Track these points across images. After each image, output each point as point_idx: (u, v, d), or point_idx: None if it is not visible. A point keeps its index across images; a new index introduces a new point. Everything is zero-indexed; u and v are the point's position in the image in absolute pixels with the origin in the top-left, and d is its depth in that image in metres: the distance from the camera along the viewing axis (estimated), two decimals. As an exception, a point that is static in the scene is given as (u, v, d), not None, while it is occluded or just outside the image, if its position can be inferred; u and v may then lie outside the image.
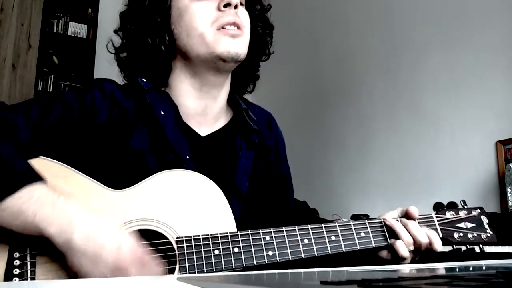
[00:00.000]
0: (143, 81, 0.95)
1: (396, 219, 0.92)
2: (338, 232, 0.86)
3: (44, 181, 0.74)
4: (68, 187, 0.78)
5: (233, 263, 0.78)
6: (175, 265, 0.77)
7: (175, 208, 0.81)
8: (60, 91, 3.60)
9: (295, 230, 0.84)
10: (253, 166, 0.98)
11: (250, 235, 0.81)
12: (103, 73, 0.98)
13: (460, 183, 2.51)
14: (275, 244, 0.82)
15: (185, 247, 0.78)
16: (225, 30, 0.90)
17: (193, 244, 0.78)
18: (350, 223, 0.88)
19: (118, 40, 1.01)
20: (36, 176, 0.74)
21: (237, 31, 0.91)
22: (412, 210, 0.92)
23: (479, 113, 2.48)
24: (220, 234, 0.80)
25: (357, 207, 3.01)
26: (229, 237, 0.80)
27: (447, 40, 2.68)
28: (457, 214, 0.96)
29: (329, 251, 0.84)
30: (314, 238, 0.84)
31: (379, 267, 0.77)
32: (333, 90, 3.47)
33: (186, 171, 0.85)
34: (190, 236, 0.78)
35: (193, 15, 0.91)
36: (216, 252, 0.78)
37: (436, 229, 0.93)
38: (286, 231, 0.83)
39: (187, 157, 0.91)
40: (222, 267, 0.78)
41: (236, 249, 0.79)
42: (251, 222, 0.91)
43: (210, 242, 0.79)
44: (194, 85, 0.96)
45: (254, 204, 0.96)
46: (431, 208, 0.99)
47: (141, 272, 0.72)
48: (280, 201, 1.06)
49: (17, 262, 0.72)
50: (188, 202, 0.82)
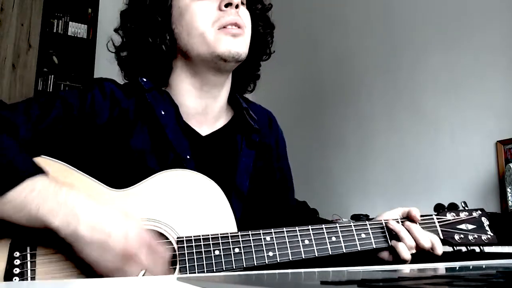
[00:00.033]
0: (144, 80, 0.95)
1: (397, 221, 0.91)
2: (339, 233, 0.86)
3: (46, 173, 0.74)
4: (67, 186, 0.78)
5: (234, 264, 0.78)
6: (176, 265, 0.77)
7: (176, 208, 0.81)
8: (60, 90, 3.60)
9: (295, 230, 0.84)
10: (253, 166, 0.98)
11: (250, 235, 0.81)
12: (103, 73, 0.98)
13: (460, 183, 2.51)
14: (275, 244, 0.81)
15: (185, 247, 0.77)
16: (226, 29, 0.90)
17: (193, 244, 0.78)
18: (351, 224, 0.88)
19: (118, 39, 1.00)
20: (38, 169, 0.74)
21: (238, 30, 0.91)
22: (414, 212, 0.91)
23: (479, 113, 2.49)
24: (220, 234, 0.79)
25: (357, 207, 3.01)
26: (229, 238, 0.79)
27: (447, 40, 2.68)
28: (458, 216, 0.95)
29: (330, 252, 0.84)
30: (314, 239, 0.84)
31: (379, 267, 0.77)
32: (332, 90, 3.47)
33: (187, 170, 0.85)
34: (191, 236, 0.78)
35: (194, 14, 0.91)
36: (217, 252, 0.78)
37: (436, 230, 0.93)
38: (286, 231, 0.83)
39: (188, 156, 0.91)
40: (222, 267, 0.77)
41: (237, 250, 0.79)
42: (252, 222, 0.91)
43: (211, 243, 0.78)
44: (194, 85, 0.95)
45: (255, 204, 0.96)
46: (431, 208, 0.98)
47: (149, 258, 0.72)
48: (280, 201, 1.06)
49: (17, 261, 0.72)
50: (188, 202, 0.82)
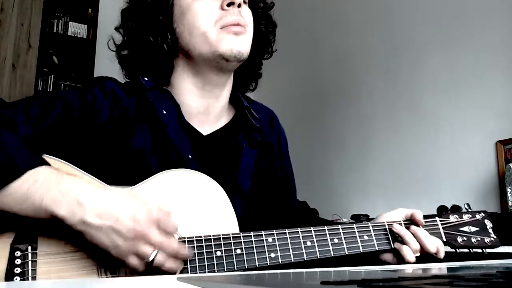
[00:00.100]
0: (145, 80, 0.94)
1: (399, 223, 0.90)
2: (341, 234, 0.85)
3: (47, 164, 0.74)
4: None
5: (235, 265, 0.78)
6: None
7: (177, 208, 0.80)
8: (61, 90, 3.60)
9: (297, 232, 0.83)
10: (255, 165, 0.98)
11: (252, 236, 0.80)
12: (103, 73, 0.98)
13: (460, 183, 2.51)
14: (277, 246, 0.81)
15: (187, 248, 0.77)
16: (228, 28, 0.89)
17: (195, 245, 0.77)
18: (353, 225, 0.87)
19: (119, 37, 1.00)
20: (39, 160, 0.74)
21: (240, 29, 0.90)
22: (418, 216, 0.90)
23: (479, 113, 2.48)
24: (222, 235, 0.79)
25: (357, 207, 3.01)
26: (231, 239, 0.79)
27: (447, 40, 2.68)
28: (461, 218, 0.94)
29: (332, 253, 0.83)
30: (317, 241, 0.83)
31: (379, 267, 0.77)
32: (333, 90, 3.47)
33: (188, 170, 0.85)
34: (192, 237, 0.78)
35: (196, 13, 0.90)
36: (218, 253, 0.77)
37: (439, 233, 0.92)
38: (289, 233, 0.82)
39: (190, 156, 0.90)
40: (224, 268, 0.77)
41: (238, 251, 0.78)
42: (254, 222, 0.91)
43: (212, 243, 0.78)
44: (196, 84, 0.95)
45: (257, 203, 0.96)
46: (431, 208, 0.98)
47: (161, 236, 0.71)
48: (282, 200, 1.05)
49: (18, 261, 0.71)
50: (190, 202, 0.82)
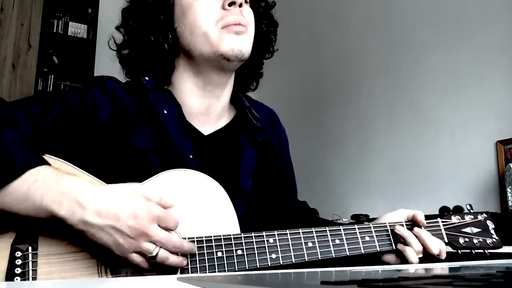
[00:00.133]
0: (146, 79, 0.94)
1: (401, 224, 0.90)
2: (343, 235, 0.85)
3: (48, 164, 0.74)
4: None
5: (236, 266, 0.77)
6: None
7: (178, 208, 0.80)
8: (61, 90, 3.60)
9: (299, 232, 0.83)
10: (256, 165, 0.97)
11: (253, 237, 0.80)
12: (103, 73, 0.97)
13: (460, 183, 2.51)
14: (278, 247, 0.80)
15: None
16: (229, 28, 0.89)
17: (196, 246, 0.77)
18: (355, 226, 0.87)
19: (119, 37, 0.99)
20: (40, 160, 0.74)
21: (241, 28, 0.90)
22: (420, 217, 0.90)
23: (479, 113, 2.49)
24: (223, 236, 0.79)
25: (357, 207, 3.01)
26: (232, 239, 0.79)
27: (447, 40, 2.68)
28: (463, 219, 0.94)
29: (333, 254, 0.83)
30: (318, 242, 0.83)
31: (380, 267, 0.77)
32: (333, 90, 3.47)
33: (189, 170, 0.85)
34: (193, 238, 0.78)
35: (197, 13, 0.90)
36: (219, 254, 0.77)
37: (441, 234, 0.92)
38: (290, 233, 0.82)
39: (190, 156, 0.90)
40: (224, 269, 0.77)
41: (239, 252, 0.78)
42: (254, 222, 0.91)
43: (213, 244, 0.78)
44: (197, 84, 0.95)
45: (258, 203, 0.96)
46: (431, 208, 0.98)
47: (162, 232, 0.72)
48: (283, 200, 1.05)
49: (18, 261, 0.72)
50: (191, 202, 0.82)
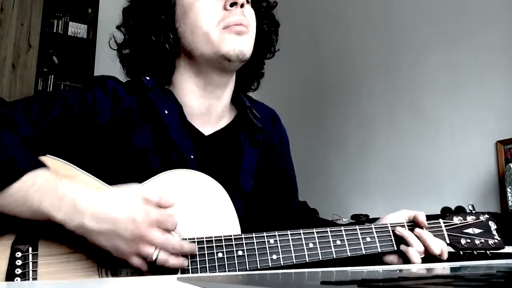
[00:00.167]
0: (147, 79, 0.94)
1: (402, 225, 0.90)
2: (344, 236, 0.84)
3: (46, 167, 0.74)
4: None
5: (237, 267, 0.77)
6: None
7: (179, 209, 0.80)
8: (61, 90, 3.60)
9: (300, 233, 0.82)
10: (257, 165, 0.97)
11: (254, 238, 0.79)
12: (103, 73, 0.97)
13: (460, 183, 2.51)
14: (279, 247, 0.80)
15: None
16: (230, 28, 0.89)
17: (196, 247, 0.77)
18: (356, 227, 0.87)
19: (120, 36, 0.99)
20: (39, 163, 0.74)
21: (242, 28, 0.90)
22: (421, 218, 0.90)
23: (479, 113, 2.49)
24: (224, 236, 0.78)
25: (357, 207, 3.01)
26: (233, 240, 0.78)
27: (447, 40, 2.68)
28: (465, 219, 0.94)
29: (334, 255, 0.83)
30: (319, 242, 0.82)
31: (381, 267, 0.77)
32: (333, 90, 3.48)
33: (190, 171, 0.84)
34: (194, 239, 0.77)
35: (198, 13, 0.90)
36: (220, 255, 0.77)
37: (443, 235, 0.91)
38: (291, 234, 0.81)
39: (191, 156, 0.90)
40: (225, 270, 0.77)
41: (240, 252, 0.78)
42: (255, 222, 0.90)
43: (214, 245, 0.77)
44: (198, 84, 0.94)
45: (258, 204, 0.95)
46: (431, 208, 0.98)
47: (161, 235, 0.72)
48: (284, 200, 1.05)
49: (19, 262, 0.71)
50: (191, 203, 0.81)
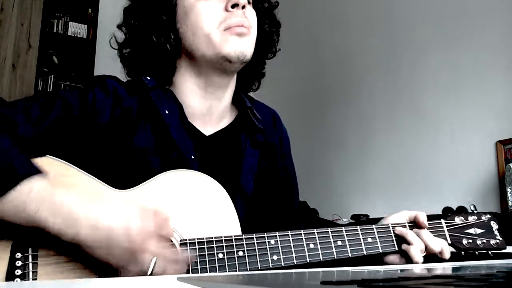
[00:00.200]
0: (148, 79, 0.94)
1: (403, 225, 0.90)
2: (345, 237, 0.84)
3: (43, 174, 0.73)
4: (71, 186, 0.77)
5: (237, 267, 0.77)
6: None
7: (179, 210, 0.80)
8: (61, 90, 3.60)
9: (300, 234, 0.82)
10: (258, 165, 0.97)
11: (255, 238, 0.79)
12: (103, 73, 0.97)
13: (460, 183, 2.51)
14: (280, 248, 0.80)
15: (188, 250, 0.76)
16: (232, 29, 0.88)
17: (197, 247, 0.77)
18: (357, 228, 0.87)
19: (121, 35, 0.99)
20: (35, 170, 0.73)
21: (244, 30, 0.89)
22: (422, 219, 0.90)
23: (479, 113, 2.49)
24: (224, 237, 0.78)
25: (357, 207, 3.01)
26: (233, 241, 0.78)
27: (447, 40, 2.68)
28: (467, 220, 0.93)
29: (335, 256, 0.83)
30: (320, 243, 0.82)
31: (382, 267, 0.77)
32: (333, 90, 3.48)
33: (191, 171, 0.84)
34: (194, 239, 0.77)
35: (199, 14, 0.89)
36: (220, 255, 0.77)
37: (444, 235, 0.91)
38: (291, 235, 0.81)
39: (192, 156, 0.90)
40: (226, 270, 0.76)
41: (241, 253, 0.78)
42: (256, 223, 0.90)
43: (214, 246, 0.77)
44: (199, 85, 0.94)
45: (259, 205, 0.95)
46: (431, 208, 0.98)
47: (158, 245, 0.71)
48: (285, 201, 1.05)
49: (19, 262, 0.71)
50: (192, 203, 0.81)
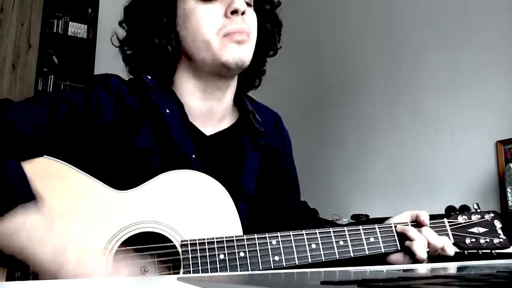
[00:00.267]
0: (148, 78, 0.94)
1: (406, 224, 0.89)
2: (347, 237, 0.84)
3: (37, 200, 0.72)
4: (70, 187, 0.78)
5: (239, 268, 0.77)
6: (179, 269, 0.76)
7: (180, 210, 0.79)
8: (64, 90, 3.59)
9: (302, 234, 0.81)
10: (259, 168, 0.96)
11: (256, 239, 0.79)
12: (103, 72, 0.97)
13: (460, 183, 2.51)
14: (281, 249, 0.79)
15: (189, 251, 0.76)
16: (231, 36, 0.88)
17: (198, 248, 0.76)
18: (359, 227, 0.86)
19: (122, 32, 0.98)
20: (30, 196, 0.72)
21: (243, 37, 0.89)
22: (423, 217, 0.89)
23: (479, 113, 2.49)
24: (225, 238, 0.78)
25: (357, 207, 3.01)
26: (234, 241, 0.78)
27: (447, 40, 2.68)
28: (470, 219, 0.93)
29: (337, 256, 0.82)
30: (321, 243, 0.81)
31: (384, 267, 0.76)
32: (333, 90, 3.48)
33: (192, 171, 0.84)
34: (195, 240, 0.77)
35: (199, 19, 0.89)
36: (221, 256, 0.76)
37: (447, 234, 0.91)
38: (293, 235, 0.81)
39: (193, 156, 0.89)
40: (227, 271, 0.76)
41: (242, 254, 0.77)
42: (257, 224, 0.90)
43: (216, 246, 0.77)
44: (198, 87, 0.94)
45: (261, 206, 0.95)
46: (431, 208, 0.98)
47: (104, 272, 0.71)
48: (286, 203, 1.04)
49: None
50: (193, 204, 0.81)
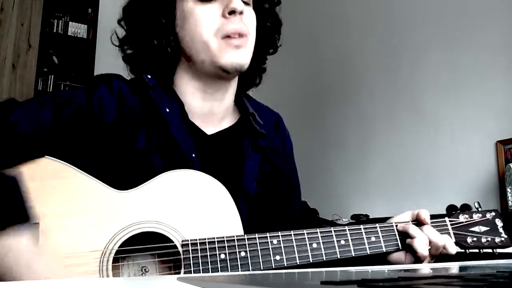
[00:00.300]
0: (148, 77, 0.94)
1: (407, 222, 0.89)
2: (348, 236, 0.83)
3: (30, 222, 0.72)
4: (70, 187, 0.78)
5: (240, 268, 0.76)
6: (180, 269, 0.76)
7: (181, 210, 0.79)
8: (66, 90, 3.59)
9: (303, 234, 0.81)
10: (260, 169, 0.96)
11: (257, 239, 0.79)
12: (103, 73, 0.97)
13: (460, 183, 2.51)
14: (282, 248, 0.79)
15: (190, 251, 0.76)
16: (229, 40, 0.88)
17: (198, 248, 0.76)
18: (361, 227, 0.86)
19: (121, 31, 0.98)
20: (24, 218, 0.72)
21: (241, 41, 0.89)
22: (423, 216, 0.89)
23: (479, 113, 2.49)
24: (226, 237, 0.78)
25: (357, 207, 3.01)
26: (235, 241, 0.77)
27: (447, 40, 2.68)
28: (471, 217, 0.93)
29: (338, 255, 0.82)
30: (323, 243, 0.81)
31: (386, 267, 0.76)
32: (333, 90, 3.48)
33: (192, 171, 0.84)
34: (196, 240, 0.77)
35: (198, 20, 0.89)
36: (222, 256, 0.76)
37: (449, 233, 0.90)
38: (294, 235, 0.81)
39: (193, 155, 0.89)
40: (228, 271, 0.76)
41: (243, 253, 0.77)
42: (258, 224, 0.90)
43: (216, 246, 0.77)
44: (198, 87, 0.94)
45: (261, 206, 0.95)
46: (431, 208, 0.97)
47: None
48: (287, 203, 1.04)
49: None
50: (194, 204, 0.81)
